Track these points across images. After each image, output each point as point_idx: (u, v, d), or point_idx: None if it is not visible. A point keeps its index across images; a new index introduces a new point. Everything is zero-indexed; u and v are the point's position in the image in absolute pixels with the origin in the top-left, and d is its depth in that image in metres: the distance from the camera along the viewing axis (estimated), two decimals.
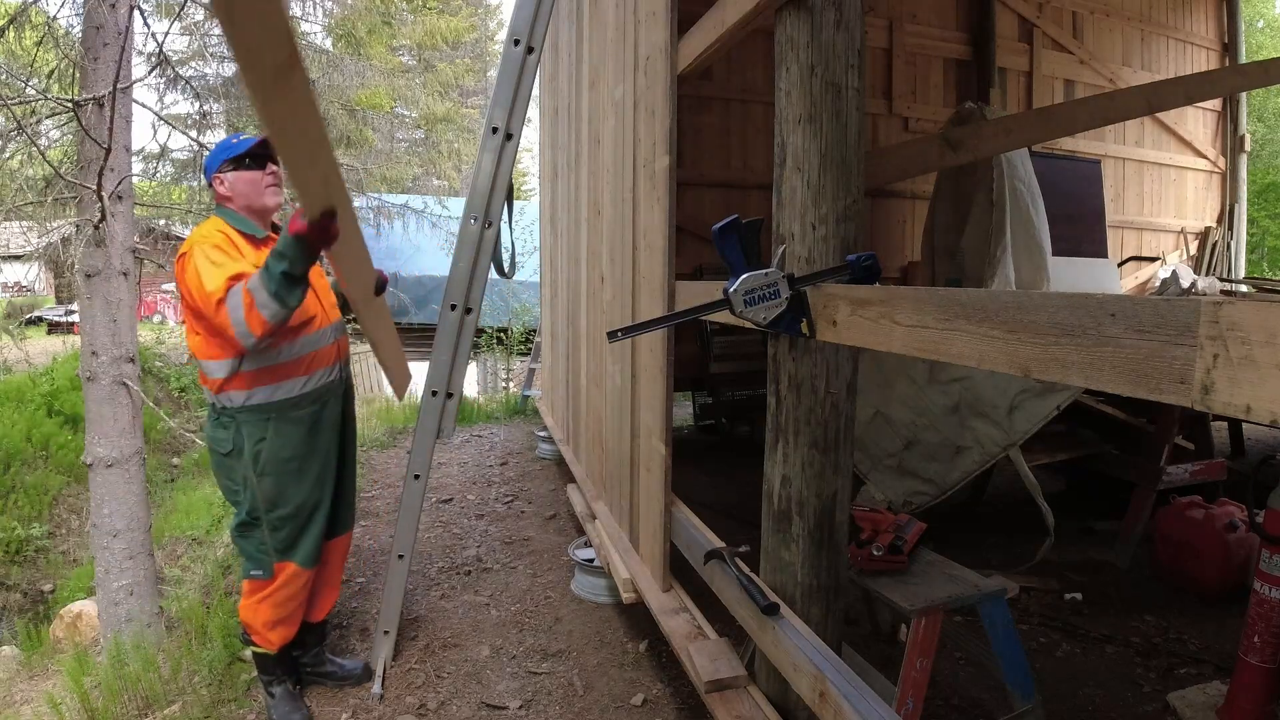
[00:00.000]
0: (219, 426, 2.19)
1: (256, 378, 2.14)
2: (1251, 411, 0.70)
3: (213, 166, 2.26)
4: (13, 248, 11.71)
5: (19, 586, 6.50)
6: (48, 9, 4.78)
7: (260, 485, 2.19)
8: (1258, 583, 2.09)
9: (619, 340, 1.84)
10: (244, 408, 2.15)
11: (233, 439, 2.17)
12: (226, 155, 2.24)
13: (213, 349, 2.11)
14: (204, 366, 2.15)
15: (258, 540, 2.25)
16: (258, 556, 2.26)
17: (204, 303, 1.98)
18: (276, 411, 2.18)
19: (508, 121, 2.51)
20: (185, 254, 2.08)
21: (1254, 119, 14.59)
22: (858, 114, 1.67)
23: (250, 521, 2.23)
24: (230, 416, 2.17)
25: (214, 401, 2.19)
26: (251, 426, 2.16)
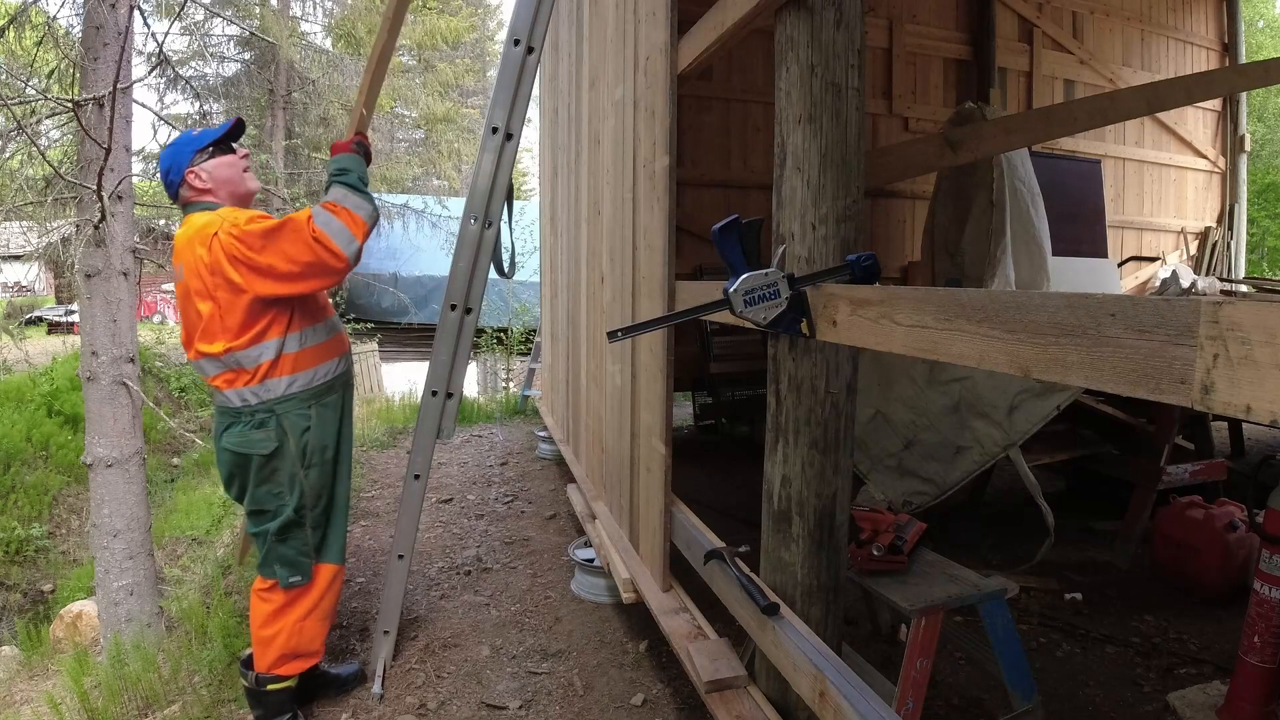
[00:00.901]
0: (256, 427, 2.05)
1: (299, 360, 2.06)
2: (1251, 411, 0.70)
3: (182, 163, 2.07)
4: (13, 248, 11.71)
5: (19, 586, 6.50)
6: (48, 9, 4.78)
7: (307, 479, 2.09)
8: (1258, 583, 2.09)
9: (619, 340, 1.84)
10: (284, 397, 2.05)
11: (275, 436, 2.05)
12: (197, 145, 2.09)
13: (257, 331, 1.98)
14: (241, 358, 2.00)
15: (299, 542, 2.12)
16: (297, 561, 2.12)
17: (290, 240, 1.89)
18: (315, 398, 2.10)
19: (508, 121, 2.51)
20: (214, 235, 1.93)
21: (1254, 119, 14.59)
22: (858, 114, 1.67)
23: (295, 521, 2.10)
24: (268, 412, 2.04)
25: (245, 401, 2.04)
26: (294, 417, 2.06)
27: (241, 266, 1.91)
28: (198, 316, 2.01)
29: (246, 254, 1.91)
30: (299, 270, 1.93)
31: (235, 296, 1.95)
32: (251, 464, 2.07)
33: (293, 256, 1.90)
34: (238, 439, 2.06)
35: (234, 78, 10.72)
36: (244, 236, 1.91)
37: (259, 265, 1.92)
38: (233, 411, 2.06)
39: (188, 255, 1.98)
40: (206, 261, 1.92)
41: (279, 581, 2.13)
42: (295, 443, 2.07)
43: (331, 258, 1.93)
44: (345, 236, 1.94)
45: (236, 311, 1.96)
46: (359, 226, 1.97)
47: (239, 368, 2.01)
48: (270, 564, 2.13)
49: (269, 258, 1.90)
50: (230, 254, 1.91)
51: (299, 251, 1.90)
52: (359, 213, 1.98)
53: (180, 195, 2.12)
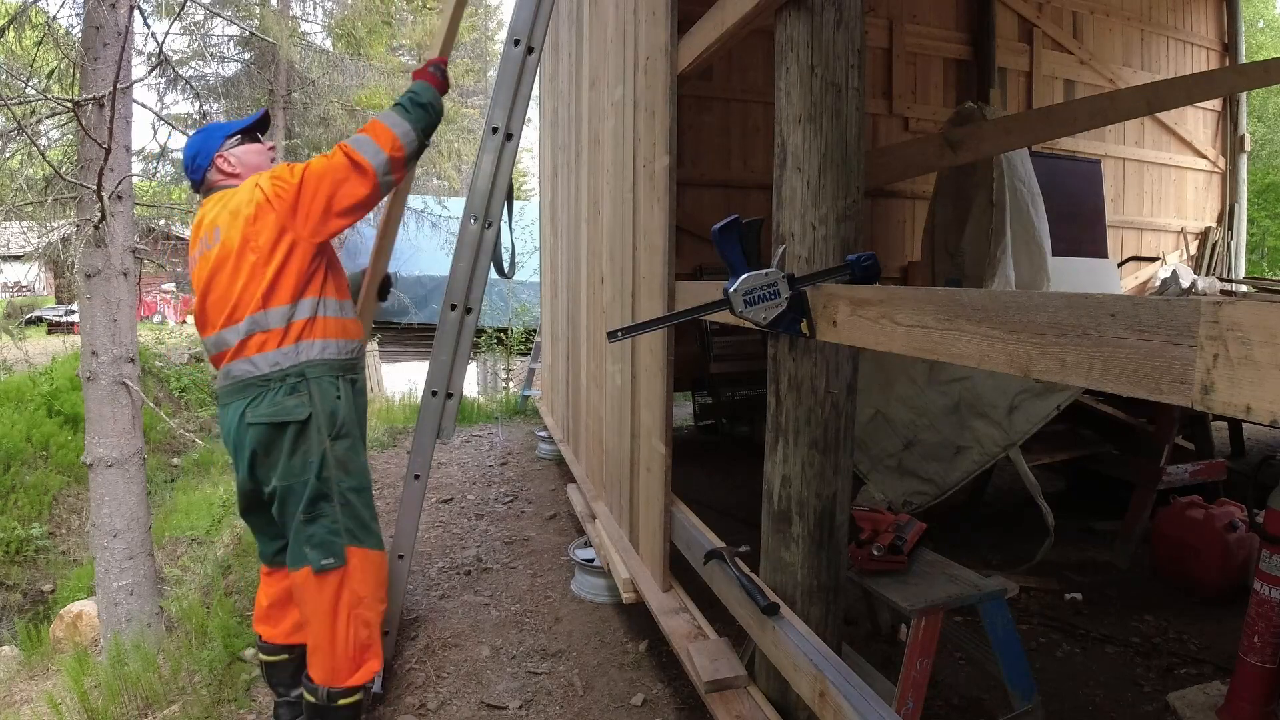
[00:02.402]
0: (290, 392, 1.95)
1: (330, 326, 2.03)
2: (1251, 411, 0.70)
3: (212, 148, 2.11)
4: (13, 248, 11.72)
5: (19, 586, 6.50)
6: (48, 9, 4.78)
7: (334, 450, 2.00)
8: (1258, 583, 2.09)
9: (619, 340, 1.84)
10: (317, 361, 1.99)
11: (308, 402, 1.96)
12: (227, 131, 2.15)
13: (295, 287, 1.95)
14: (275, 315, 1.94)
15: (329, 521, 2.00)
16: (329, 540, 1.99)
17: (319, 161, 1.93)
18: (343, 370, 2.06)
19: (508, 121, 2.51)
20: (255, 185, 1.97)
21: (1254, 119, 14.59)
22: (858, 114, 1.67)
23: (323, 496, 1.99)
24: (300, 375, 1.97)
25: (276, 365, 1.95)
26: (324, 384, 2.00)
27: (281, 202, 1.92)
28: (229, 280, 1.96)
29: (283, 187, 1.92)
30: (328, 187, 1.94)
31: (276, 243, 1.93)
32: (285, 435, 1.96)
33: (320, 173, 1.93)
34: (270, 408, 1.95)
35: (234, 78, 10.72)
36: (280, 173, 1.96)
37: (293, 191, 1.92)
38: (260, 381, 1.96)
39: (224, 218, 1.97)
40: (251, 213, 1.92)
41: (311, 567, 1.97)
42: (324, 410, 1.99)
43: (355, 169, 1.94)
44: (371, 148, 1.97)
45: (278, 263, 1.93)
46: (387, 139, 2.00)
47: (271, 328, 1.95)
48: (300, 549, 1.98)
49: (302, 181, 1.92)
50: (270, 194, 1.93)
51: (324, 166, 1.93)
52: (394, 129, 2.02)
53: (206, 179, 2.14)
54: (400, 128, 2.04)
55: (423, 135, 2.09)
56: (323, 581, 1.99)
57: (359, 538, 2.05)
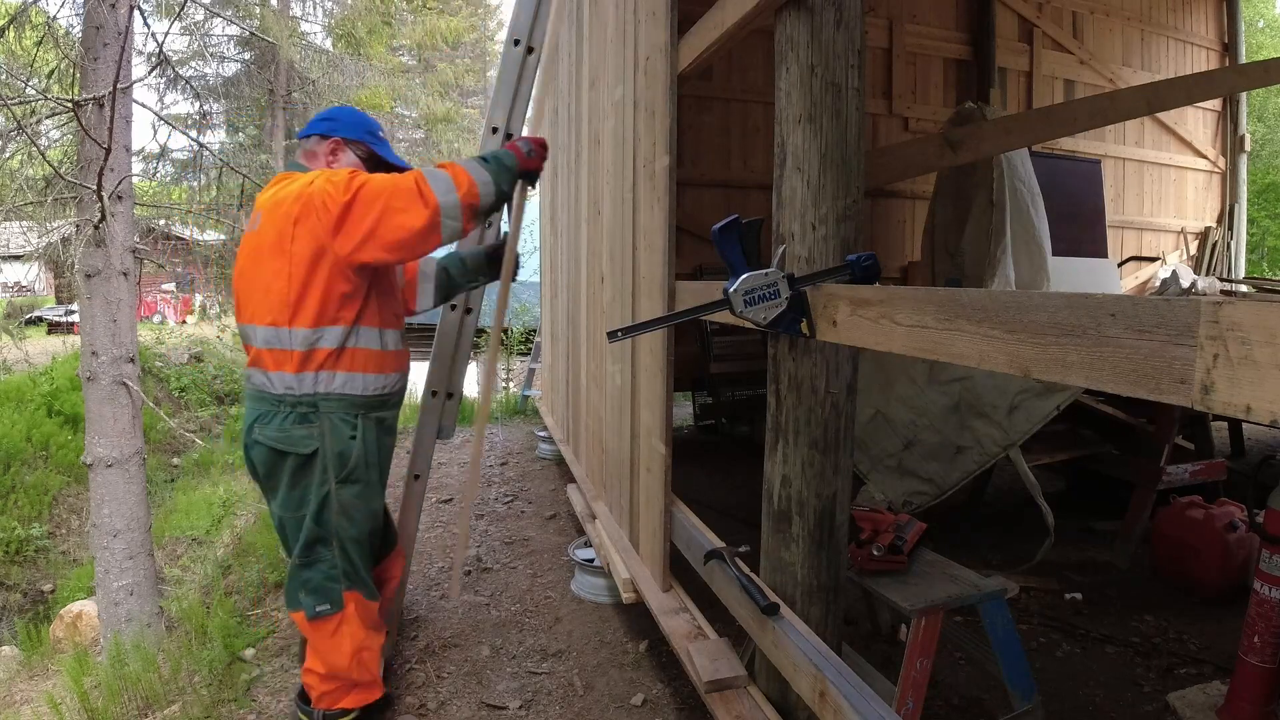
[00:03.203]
0: (300, 422, 1.80)
1: (361, 359, 1.84)
2: (1251, 411, 0.70)
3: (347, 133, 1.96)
4: (13, 248, 11.73)
5: (19, 586, 6.50)
6: (48, 9, 4.79)
7: (340, 495, 1.84)
8: (1258, 583, 2.09)
9: (619, 340, 1.84)
10: (333, 395, 1.82)
11: (317, 437, 1.81)
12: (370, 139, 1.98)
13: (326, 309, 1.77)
14: (299, 336, 1.77)
15: (327, 566, 1.86)
16: (325, 586, 1.86)
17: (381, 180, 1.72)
18: (365, 408, 1.88)
19: (508, 121, 2.51)
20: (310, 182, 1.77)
21: (1254, 119, 14.59)
22: (858, 114, 1.67)
23: (320, 540, 1.85)
24: (312, 406, 1.80)
25: (289, 389, 1.80)
26: (337, 421, 1.83)
27: (326, 214, 1.72)
28: (262, 276, 1.80)
29: (334, 196, 1.71)
30: (380, 209, 1.71)
31: (313, 259, 1.75)
32: (286, 464, 1.82)
33: (378, 192, 1.71)
34: (276, 433, 1.81)
35: (234, 78, 10.73)
36: (338, 179, 1.76)
37: (342, 205, 1.72)
38: (272, 399, 1.82)
39: (269, 206, 1.81)
40: (294, 213, 1.74)
41: (305, 613, 1.87)
42: (333, 450, 1.83)
43: (418, 199, 1.72)
44: (444, 185, 1.76)
45: (308, 280, 1.76)
46: (464, 182, 1.81)
47: (290, 348, 1.78)
48: (295, 594, 1.88)
49: (355, 197, 1.72)
50: (320, 200, 1.72)
51: (385, 186, 1.72)
52: (475, 175, 1.84)
53: (304, 143, 1.99)
54: (480, 175, 1.86)
55: (500, 194, 1.92)
56: (318, 627, 1.89)
57: (355, 584, 1.92)
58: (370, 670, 1.96)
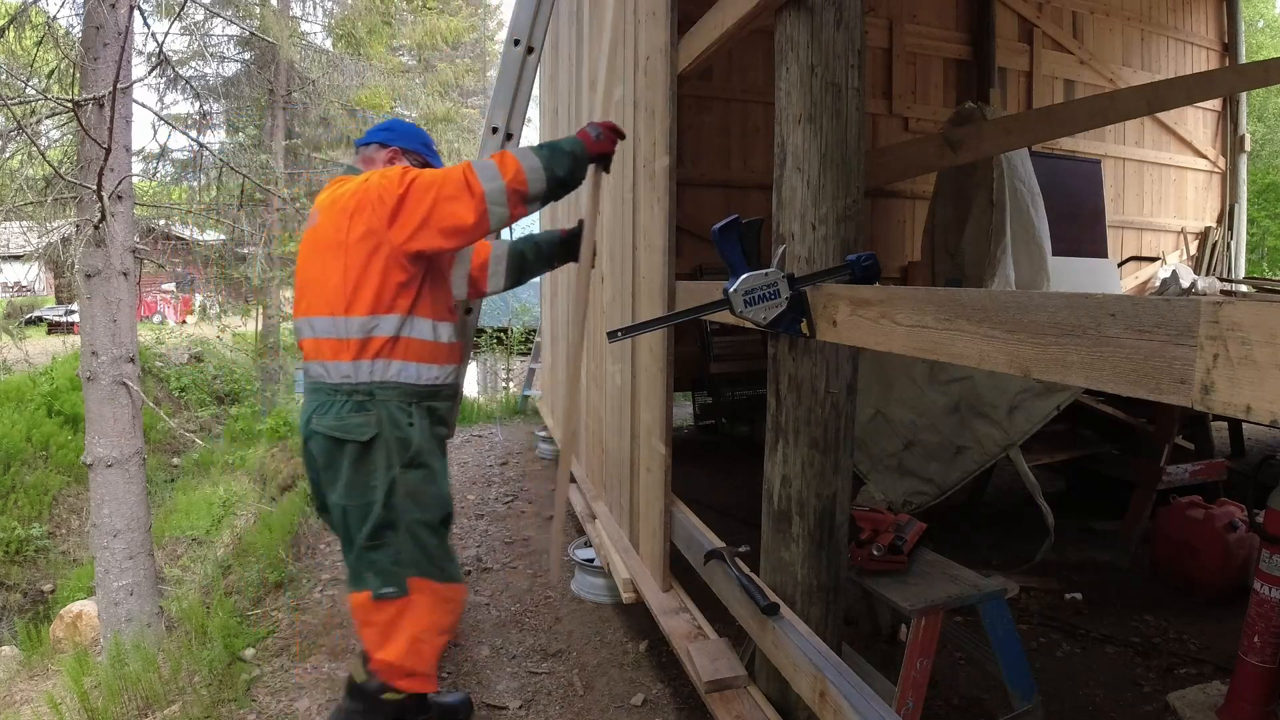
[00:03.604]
0: (356, 410, 1.83)
1: (415, 349, 1.88)
2: (1251, 411, 0.70)
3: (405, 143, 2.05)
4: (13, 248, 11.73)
5: (19, 586, 6.51)
6: (48, 9, 4.79)
7: (406, 480, 1.86)
8: (1258, 583, 2.09)
9: (619, 340, 1.84)
10: (389, 383, 1.85)
11: (375, 423, 1.83)
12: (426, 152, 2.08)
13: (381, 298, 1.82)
14: (352, 324, 1.81)
15: (393, 551, 1.86)
16: (391, 570, 1.86)
17: (432, 172, 1.80)
18: (418, 398, 1.91)
19: (508, 121, 2.51)
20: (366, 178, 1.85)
21: (1254, 119, 14.59)
22: (858, 114, 1.67)
23: (388, 524, 1.86)
24: (369, 395, 1.84)
25: (345, 377, 1.84)
26: (391, 409, 1.85)
27: (382, 206, 1.79)
28: (320, 269, 1.86)
29: (389, 188, 1.79)
30: (432, 199, 1.78)
31: (369, 249, 1.81)
32: (345, 452, 1.84)
33: (430, 183, 1.79)
34: (334, 420, 1.83)
35: (234, 78, 10.72)
36: (392, 173, 1.84)
37: (396, 197, 1.79)
38: (329, 389, 1.86)
39: (326, 203, 1.88)
40: (350, 206, 1.81)
41: (370, 593, 1.87)
42: (391, 435, 1.85)
43: (465, 189, 1.78)
44: (489, 173, 1.80)
45: (365, 269, 1.81)
46: (510, 168, 1.83)
47: (347, 337, 1.83)
48: (361, 574, 1.88)
49: (409, 189, 1.79)
50: (375, 194, 1.80)
51: (436, 178, 1.80)
52: (522, 161, 1.86)
53: (363, 150, 2.06)
54: (529, 161, 1.87)
55: (554, 179, 1.91)
56: (381, 608, 1.88)
57: (425, 571, 1.90)
58: (427, 662, 1.94)
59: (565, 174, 1.95)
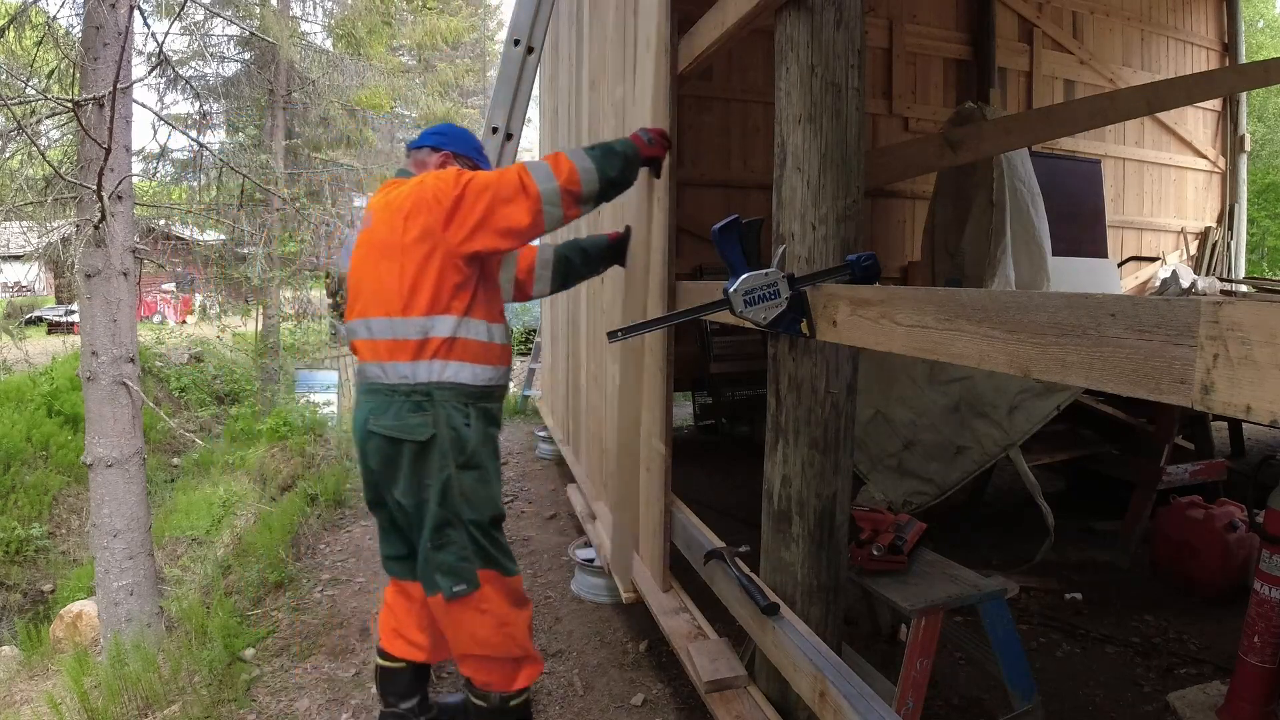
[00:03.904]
0: (414, 411, 1.84)
1: (471, 350, 1.89)
2: (1251, 411, 0.70)
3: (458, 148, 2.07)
4: (13, 248, 11.73)
5: (19, 586, 6.50)
6: (48, 9, 4.79)
7: (460, 480, 1.87)
8: (1258, 583, 2.09)
9: (619, 340, 1.84)
10: (446, 384, 1.86)
11: (433, 423, 1.84)
12: (477, 158, 2.10)
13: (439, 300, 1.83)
14: (410, 325, 1.83)
15: (457, 548, 1.88)
16: (459, 567, 1.88)
17: (487, 173, 1.82)
18: (473, 398, 1.91)
19: (508, 121, 2.51)
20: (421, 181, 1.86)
21: (1254, 119, 14.59)
22: (858, 114, 1.67)
23: (447, 523, 1.88)
24: (426, 395, 1.85)
25: (403, 378, 1.85)
26: (449, 409, 1.86)
27: (438, 207, 1.80)
28: (376, 271, 1.87)
29: (445, 190, 1.80)
30: (488, 200, 1.79)
31: (426, 251, 1.81)
32: (404, 452, 1.85)
33: (485, 184, 1.80)
34: (393, 421, 1.85)
35: (234, 78, 10.72)
36: (446, 175, 1.85)
37: (453, 198, 1.80)
38: (386, 390, 1.87)
39: (380, 206, 1.90)
40: (406, 209, 1.81)
41: (443, 594, 1.89)
42: (448, 435, 1.86)
43: (520, 190, 1.79)
44: (543, 173, 1.82)
45: (422, 270, 1.82)
46: (564, 169, 1.85)
47: (405, 337, 1.84)
48: (430, 576, 1.91)
49: (464, 191, 1.80)
50: (431, 195, 1.81)
51: (492, 179, 1.81)
52: (575, 161, 1.87)
53: (415, 153, 2.08)
54: (582, 163, 1.88)
55: (606, 180, 1.92)
56: (458, 606, 1.90)
57: (491, 561, 1.93)
58: (522, 643, 1.98)
59: (617, 175, 1.96)
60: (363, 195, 11.45)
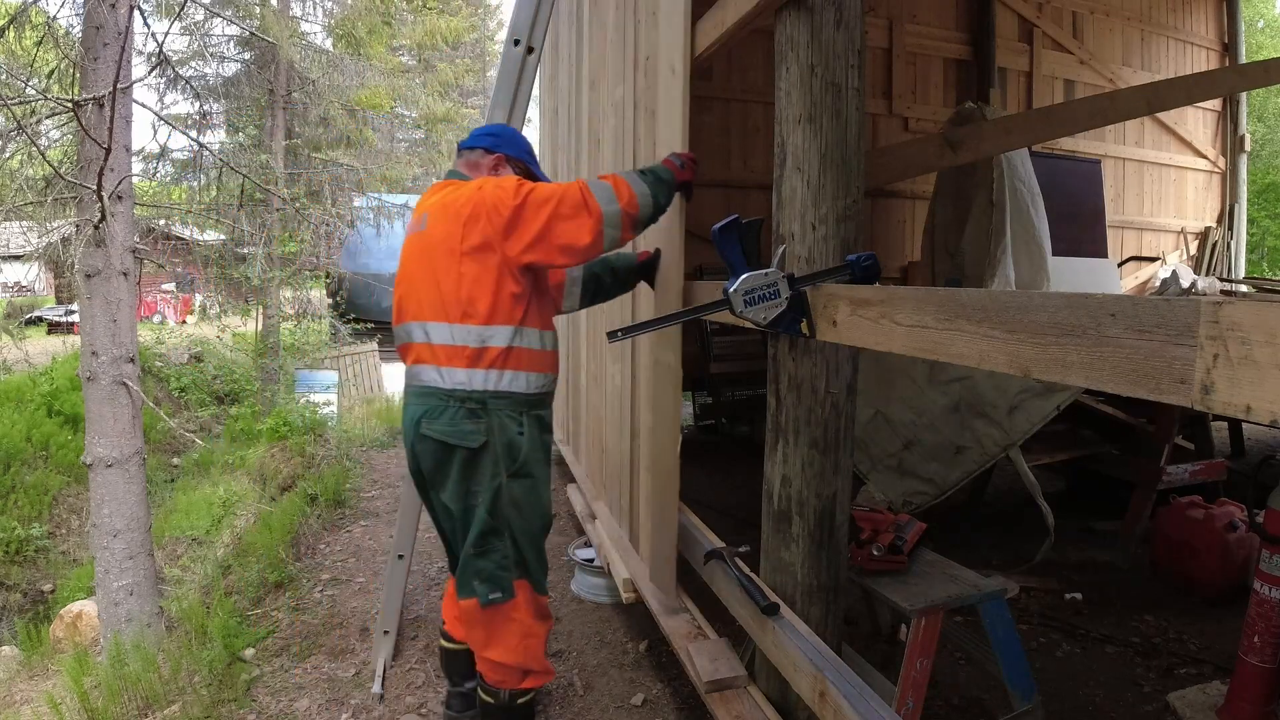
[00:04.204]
0: (468, 418, 1.85)
1: (525, 358, 1.90)
2: (1251, 411, 0.70)
3: (508, 149, 2.07)
4: (13, 248, 11.73)
5: (19, 586, 6.50)
6: (48, 9, 4.79)
7: (511, 489, 1.89)
8: (1258, 583, 2.09)
9: (619, 340, 1.84)
10: (500, 392, 1.87)
11: (485, 431, 1.85)
12: (529, 161, 2.11)
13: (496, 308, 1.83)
14: (473, 333, 1.83)
15: (499, 556, 1.90)
16: (498, 575, 1.90)
17: (549, 186, 1.80)
18: (528, 406, 1.92)
19: (508, 121, 2.51)
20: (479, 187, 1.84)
21: (1254, 119, 14.59)
22: (858, 114, 1.67)
23: (494, 531, 1.89)
24: (481, 404, 1.85)
25: (459, 384, 1.85)
26: (503, 417, 1.87)
27: (497, 216, 1.79)
28: (432, 275, 1.86)
29: (504, 199, 1.79)
30: (548, 215, 1.78)
31: (485, 259, 1.81)
32: (456, 458, 1.86)
33: (547, 197, 1.79)
34: (446, 426, 1.85)
35: (234, 78, 10.71)
36: (507, 184, 1.83)
37: (512, 208, 1.78)
38: (441, 394, 1.86)
39: (437, 208, 1.88)
40: (465, 214, 1.80)
41: (478, 600, 1.91)
42: (501, 443, 1.88)
43: (583, 208, 1.79)
44: (606, 195, 1.81)
45: (480, 279, 1.82)
46: (625, 193, 1.85)
47: (463, 344, 1.84)
48: (469, 582, 1.92)
49: (525, 201, 1.78)
50: (490, 203, 1.79)
51: (554, 193, 1.80)
52: (635, 187, 1.87)
53: (467, 154, 2.07)
54: (639, 187, 1.88)
55: (657, 206, 1.94)
56: (491, 614, 1.93)
57: (528, 573, 1.97)
58: (538, 657, 2.02)
59: (665, 201, 1.99)
60: (362, 195, 11.44)
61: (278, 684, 2.60)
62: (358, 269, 11.94)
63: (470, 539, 1.89)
